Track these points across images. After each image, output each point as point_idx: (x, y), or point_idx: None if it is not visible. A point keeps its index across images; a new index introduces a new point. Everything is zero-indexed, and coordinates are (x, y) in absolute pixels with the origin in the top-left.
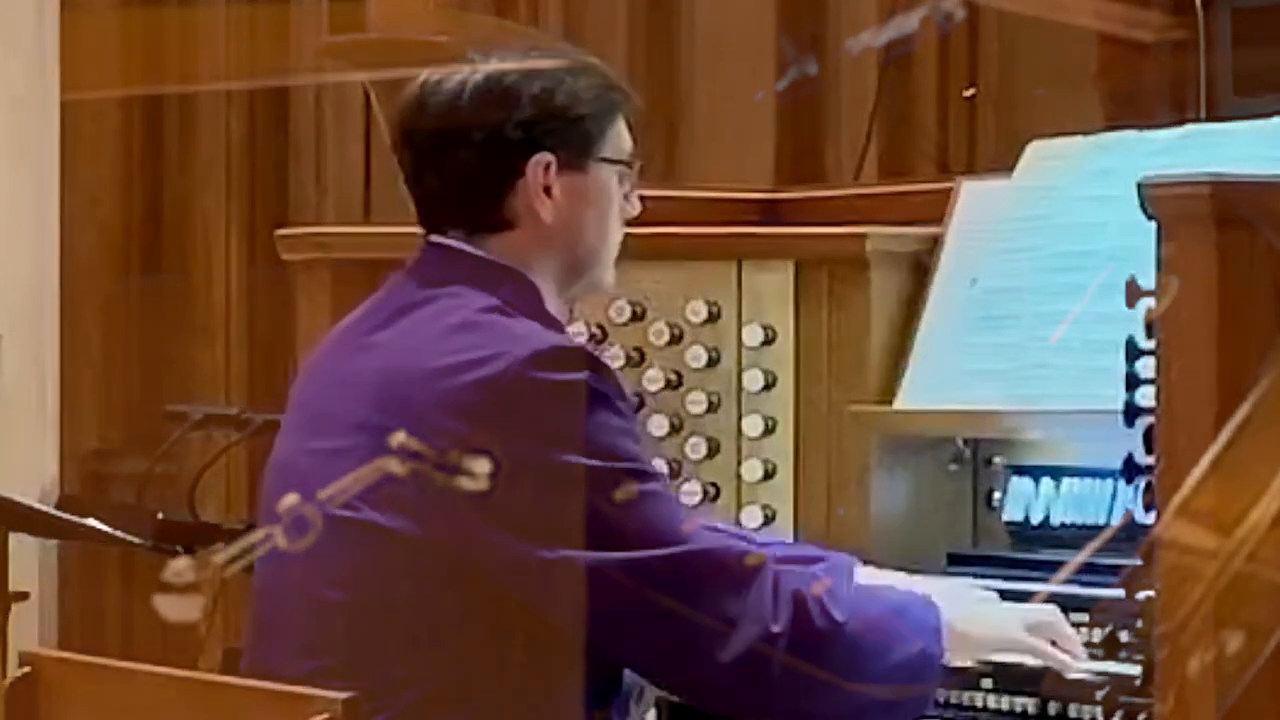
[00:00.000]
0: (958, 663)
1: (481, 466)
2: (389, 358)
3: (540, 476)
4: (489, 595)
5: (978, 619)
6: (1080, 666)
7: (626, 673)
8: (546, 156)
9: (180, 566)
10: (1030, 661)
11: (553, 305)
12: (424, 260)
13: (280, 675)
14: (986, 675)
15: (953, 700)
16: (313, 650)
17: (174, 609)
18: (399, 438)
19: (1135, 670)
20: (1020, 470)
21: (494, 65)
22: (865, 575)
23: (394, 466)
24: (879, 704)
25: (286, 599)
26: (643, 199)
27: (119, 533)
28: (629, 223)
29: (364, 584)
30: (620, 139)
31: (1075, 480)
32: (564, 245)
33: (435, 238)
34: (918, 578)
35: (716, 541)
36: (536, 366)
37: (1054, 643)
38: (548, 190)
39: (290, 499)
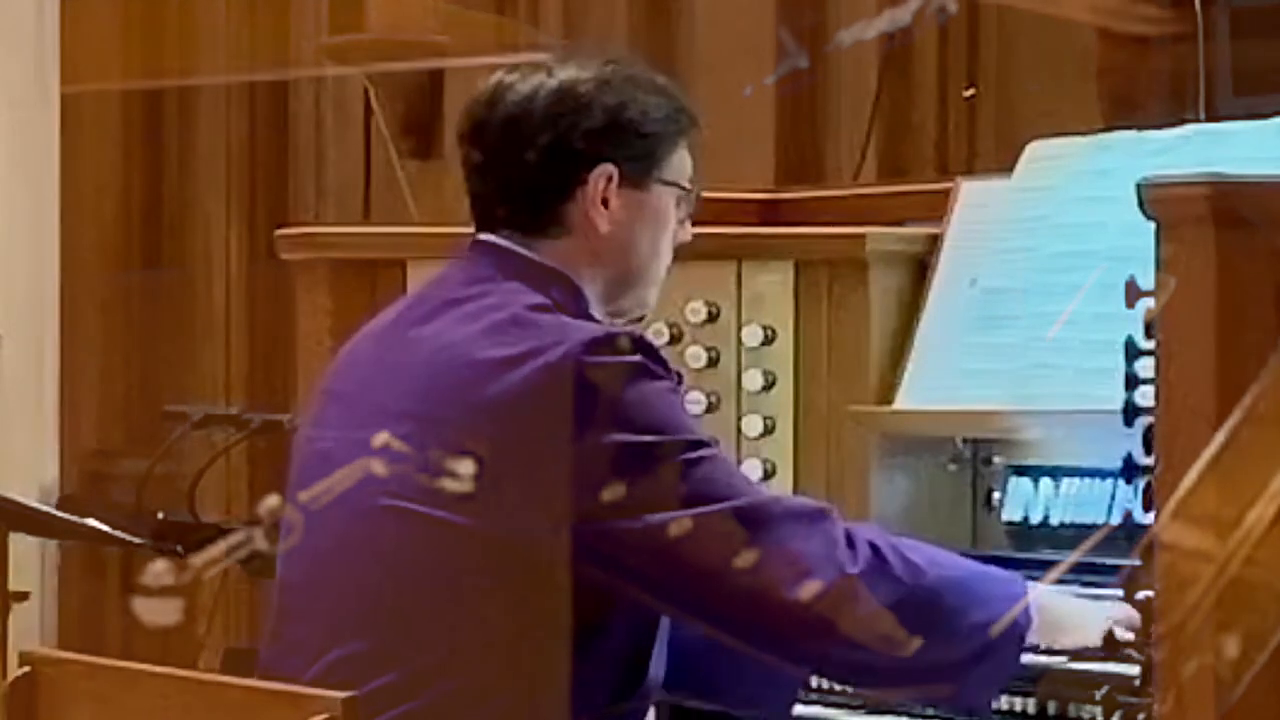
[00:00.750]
0: (1040, 643)
1: (539, 455)
2: (437, 349)
3: (608, 456)
4: (542, 584)
5: (1064, 602)
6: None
7: (651, 669)
8: (609, 168)
9: (158, 569)
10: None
11: (597, 315)
12: (472, 258)
13: (307, 664)
14: None
15: None
16: (346, 637)
17: (153, 612)
18: (449, 428)
19: (1134, 670)
20: (1019, 470)
21: (570, 73)
22: None
23: (441, 457)
24: (958, 663)
25: (320, 587)
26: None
27: (119, 533)
28: None
29: (414, 573)
30: (683, 163)
31: (1075, 480)
32: (615, 258)
33: (485, 236)
34: None
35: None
36: (593, 352)
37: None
38: (606, 202)
39: (337, 485)
